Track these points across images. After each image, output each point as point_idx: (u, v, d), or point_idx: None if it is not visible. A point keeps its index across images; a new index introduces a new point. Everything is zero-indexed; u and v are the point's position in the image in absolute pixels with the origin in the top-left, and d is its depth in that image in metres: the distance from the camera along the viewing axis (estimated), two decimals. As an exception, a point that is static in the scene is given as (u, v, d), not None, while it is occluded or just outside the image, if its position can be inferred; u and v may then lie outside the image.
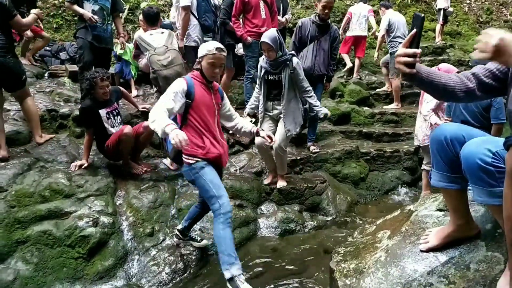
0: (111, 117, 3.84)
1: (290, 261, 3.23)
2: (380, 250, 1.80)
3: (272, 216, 3.95)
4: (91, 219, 3.26)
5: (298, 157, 4.66)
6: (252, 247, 3.56)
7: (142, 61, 6.06)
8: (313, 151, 4.81)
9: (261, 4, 4.86)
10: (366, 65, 8.31)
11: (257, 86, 4.04)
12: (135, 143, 3.94)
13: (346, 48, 7.71)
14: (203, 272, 3.18)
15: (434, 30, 9.54)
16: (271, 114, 4.00)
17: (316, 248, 3.46)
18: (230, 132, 4.46)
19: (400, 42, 6.45)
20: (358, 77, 7.62)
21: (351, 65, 7.72)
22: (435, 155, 1.49)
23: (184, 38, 4.92)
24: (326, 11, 4.41)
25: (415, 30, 1.44)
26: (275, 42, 3.61)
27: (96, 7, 4.40)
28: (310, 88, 3.90)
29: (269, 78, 3.85)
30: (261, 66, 3.88)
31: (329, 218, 4.13)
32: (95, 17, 4.33)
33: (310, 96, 3.87)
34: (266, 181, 4.29)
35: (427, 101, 3.95)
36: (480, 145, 1.22)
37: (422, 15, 1.49)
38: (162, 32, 4.22)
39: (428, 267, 1.57)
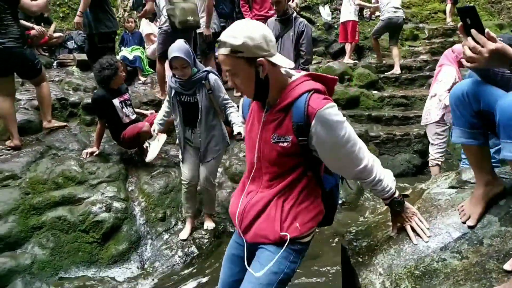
0: (125, 107, 3.84)
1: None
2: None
3: (282, 200, 3.96)
4: (104, 204, 3.32)
5: (307, 142, 4.64)
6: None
7: (149, 49, 6.07)
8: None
9: (270, -13, 4.74)
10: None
11: (166, 100, 3.26)
12: None
13: (341, 36, 7.62)
14: (215, 254, 3.22)
15: (444, 11, 9.38)
16: (193, 144, 3.19)
17: (327, 231, 3.48)
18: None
19: (394, 7, 6.44)
20: (350, 60, 7.46)
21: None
22: (455, 110, 1.50)
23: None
24: (275, 7, 3.99)
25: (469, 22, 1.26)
26: (189, 56, 2.84)
27: None
28: (230, 100, 3.08)
29: (182, 100, 3.05)
30: (170, 86, 3.06)
31: (339, 202, 4.13)
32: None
33: (229, 108, 3.02)
34: (183, 235, 3.33)
35: (443, 82, 3.84)
36: None
37: (468, 5, 1.32)
38: None
39: (441, 243, 1.57)
